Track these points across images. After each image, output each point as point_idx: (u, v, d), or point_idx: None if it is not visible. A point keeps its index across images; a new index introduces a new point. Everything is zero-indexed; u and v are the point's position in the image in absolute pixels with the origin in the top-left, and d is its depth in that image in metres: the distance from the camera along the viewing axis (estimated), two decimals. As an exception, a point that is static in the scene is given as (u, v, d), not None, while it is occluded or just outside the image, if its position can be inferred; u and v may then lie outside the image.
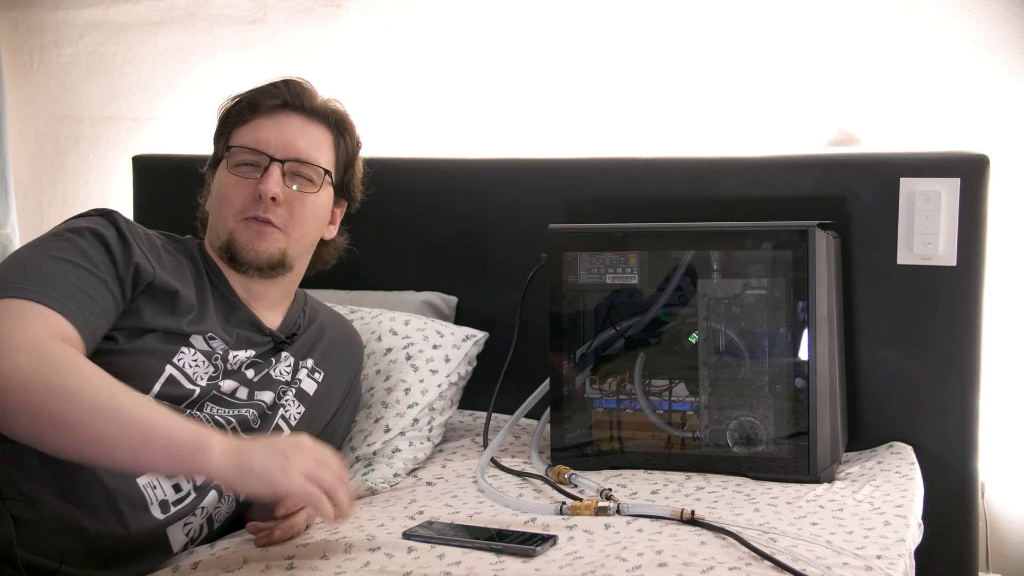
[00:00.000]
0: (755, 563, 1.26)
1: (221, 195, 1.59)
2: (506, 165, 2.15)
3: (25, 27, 2.71)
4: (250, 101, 1.62)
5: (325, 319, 1.76)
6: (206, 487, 1.43)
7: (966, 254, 1.84)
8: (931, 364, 1.87)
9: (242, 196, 1.57)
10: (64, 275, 1.35)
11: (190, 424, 1.25)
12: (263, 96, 1.62)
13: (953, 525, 1.85)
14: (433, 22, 2.35)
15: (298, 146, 1.60)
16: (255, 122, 1.61)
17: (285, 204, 1.57)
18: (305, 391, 1.63)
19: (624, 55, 2.20)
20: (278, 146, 1.58)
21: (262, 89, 1.64)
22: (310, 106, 1.64)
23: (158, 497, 1.36)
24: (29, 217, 2.75)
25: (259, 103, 1.62)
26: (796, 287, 1.66)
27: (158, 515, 1.36)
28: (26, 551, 1.22)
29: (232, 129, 1.63)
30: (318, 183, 1.61)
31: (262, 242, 1.56)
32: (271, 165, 1.57)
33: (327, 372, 1.68)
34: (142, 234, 1.51)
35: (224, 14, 2.53)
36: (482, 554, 1.32)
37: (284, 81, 1.65)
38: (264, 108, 1.61)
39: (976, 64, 1.97)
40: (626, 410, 1.76)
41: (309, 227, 1.62)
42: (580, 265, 1.78)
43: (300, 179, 1.60)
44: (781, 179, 1.96)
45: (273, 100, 1.62)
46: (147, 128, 2.62)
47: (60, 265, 1.36)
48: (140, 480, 1.35)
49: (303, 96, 1.63)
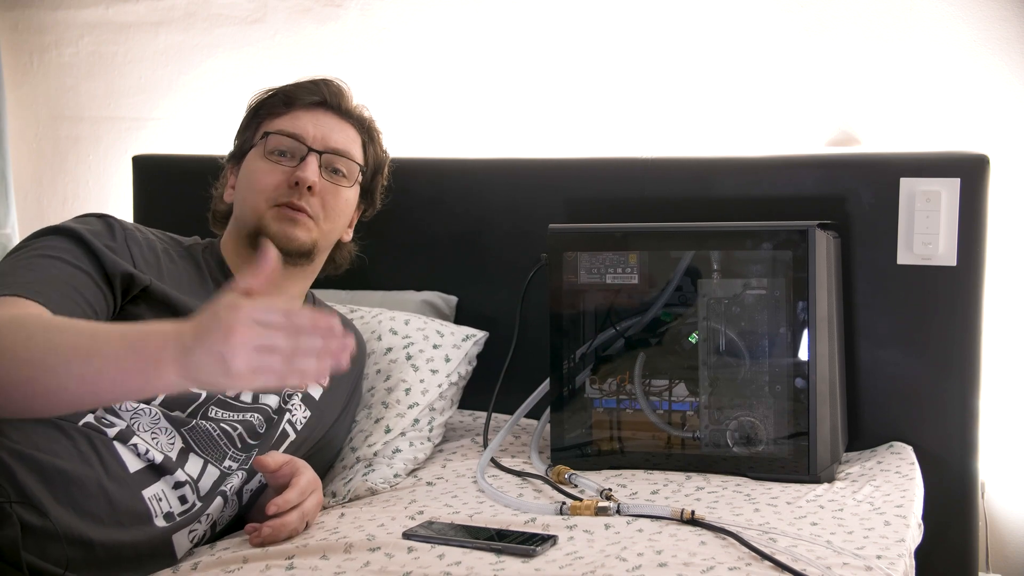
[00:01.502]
0: (755, 563, 1.26)
1: (252, 180, 1.59)
2: (506, 165, 2.15)
3: (25, 27, 2.71)
4: (286, 94, 1.62)
5: None
6: (212, 495, 1.43)
7: (966, 254, 1.84)
8: (931, 364, 1.87)
9: (275, 181, 1.56)
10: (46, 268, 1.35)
11: (136, 341, 1.11)
12: (301, 91, 1.63)
13: (953, 525, 1.85)
14: (433, 22, 2.35)
15: (336, 140, 1.61)
16: (291, 115, 1.61)
17: (319, 194, 1.58)
18: (311, 395, 1.62)
19: (624, 55, 2.20)
20: (316, 137, 1.59)
21: (299, 84, 1.64)
22: (347, 108, 1.65)
23: (163, 509, 1.36)
24: (29, 217, 2.74)
25: (296, 97, 1.62)
26: (796, 287, 1.66)
27: (162, 524, 1.36)
28: (31, 556, 1.21)
29: (264, 120, 1.62)
30: (351, 179, 1.63)
31: (295, 228, 1.56)
32: (309, 155, 1.58)
33: (332, 377, 1.67)
34: (141, 239, 1.49)
35: (224, 14, 2.53)
36: (482, 554, 1.32)
37: (323, 80, 1.65)
38: (301, 103, 1.62)
39: (976, 64, 1.97)
40: (626, 410, 1.76)
41: (338, 221, 1.63)
42: (580, 265, 1.78)
43: (335, 172, 1.61)
44: (781, 179, 1.96)
45: (311, 96, 1.62)
46: (147, 128, 2.62)
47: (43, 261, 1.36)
48: (145, 493, 1.34)
49: (340, 97, 1.65)
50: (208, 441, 1.44)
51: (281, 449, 1.54)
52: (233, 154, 1.67)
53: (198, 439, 1.43)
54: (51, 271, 1.35)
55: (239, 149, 1.66)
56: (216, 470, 1.45)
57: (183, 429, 1.42)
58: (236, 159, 1.66)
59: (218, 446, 1.45)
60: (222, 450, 1.46)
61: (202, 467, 1.42)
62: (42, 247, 1.39)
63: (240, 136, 1.67)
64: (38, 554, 1.22)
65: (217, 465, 1.45)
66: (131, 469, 1.34)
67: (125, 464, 1.34)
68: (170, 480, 1.38)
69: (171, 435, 1.41)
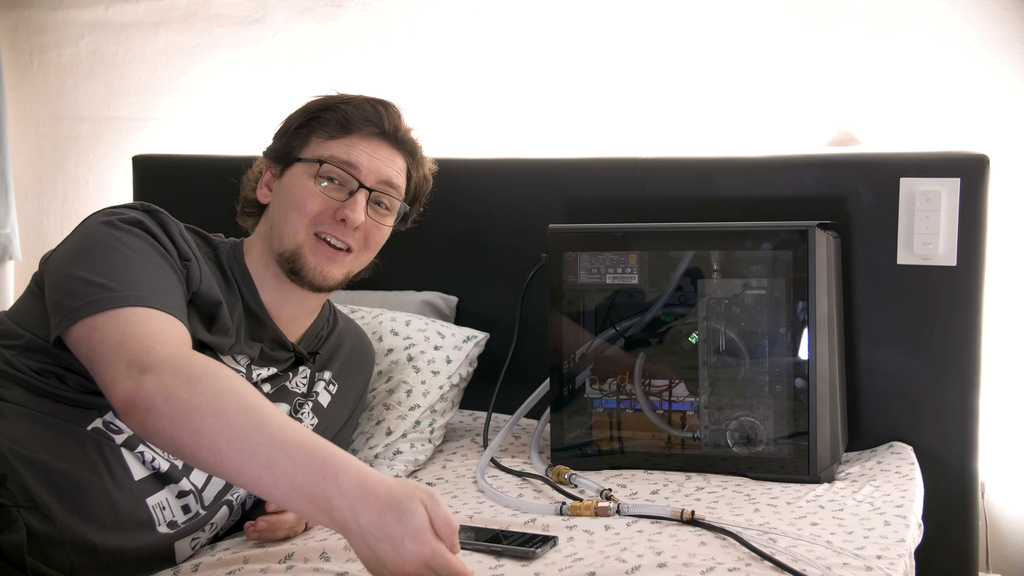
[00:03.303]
0: (755, 563, 1.26)
1: (297, 200, 1.54)
2: (506, 165, 2.15)
3: (25, 27, 2.71)
4: (345, 117, 1.57)
5: (343, 329, 1.73)
6: (216, 505, 1.43)
7: (966, 254, 1.84)
8: (931, 364, 1.87)
9: (320, 208, 1.53)
10: (156, 276, 1.33)
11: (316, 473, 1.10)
12: (360, 117, 1.57)
13: (953, 525, 1.85)
14: (433, 22, 2.35)
15: (388, 176, 1.58)
16: (347, 140, 1.56)
17: (363, 230, 1.56)
18: (321, 404, 1.62)
19: (624, 55, 2.20)
20: (368, 172, 1.55)
21: (359, 107, 1.59)
22: (403, 137, 1.61)
23: (166, 518, 1.36)
24: (29, 217, 2.75)
25: (354, 124, 1.57)
26: (796, 287, 1.66)
27: (165, 532, 1.35)
28: (35, 561, 1.21)
29: (316, 135, 1.57)
30: (393, 211, 1.60)
31: (331, 266, 1.54)
32: (359, 191, 1.54)
33: (341, 384, 1.67)
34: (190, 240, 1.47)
35: (224, 14, 2.53)
36: (481, 557, 1.32)
37: (383, 104, 1.61)
38: (359, 130, 1.57)
39: (976, 64, 1.97)
40: (626, 410, 1.76)
41: (374, 252, 1.62)
42: (580, 265, 1.78)
43: (380, 208, 1.58)
44: (781, 179, 1.96)
45: (370, 125, 1.57)
46: (147, 128, 2.62)
47: (148, 267, 1.34)
48: (149, 500, 1.34)
49: (398, 127, 1.61)
50: None
51: None
52: (276, 153, 1.61)
53: None
54: (159, 276, 1.33)
55: (284, 152, 1.59)
56: (221, 480, 1.44)
57: None
58: (278, 160, 1.60)
59: None
60: None
61: (207, 476, 1.41)
62: (129, 245, 1.35)
63: (287, 138, 1.60)
64: (42, 559, 1.22)
65: None
66: (136, 477, 1.33)
67: (130, 471, 1.33)
68: (174, 489, 1.37)
69: None
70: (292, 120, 1.61)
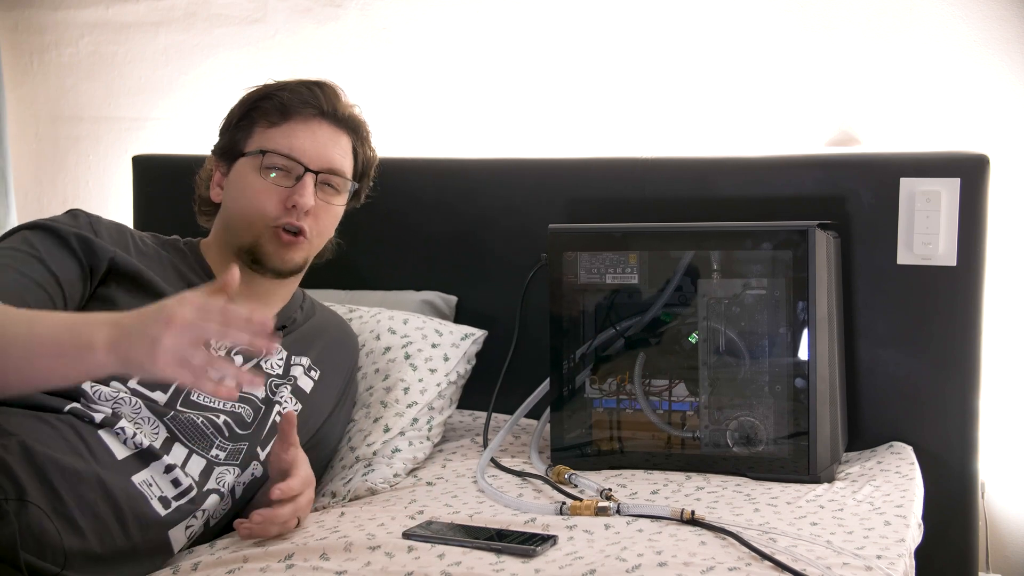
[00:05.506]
0: (755, 563, 1.26)
1: (247, 196, 1.58)
2: (506, 165, 2.15)
3: (25, 27, 2.71)
4: (283, 103, 1.60)
5: (323, 318, 1.77)
6: (206, 491, 1.43)
7: (966, 254, 1.84)
8: (931, 364, 1.87)
9: (274, 204, 1.56)
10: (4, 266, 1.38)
11: (72, 323, 1.17)
12: (297, 101, 1.60)
13: (953, 525, 1.85)
14: (433, 22, 2.35)
15: (331, 157, 1.60)
16: (287, 127, 1.59)
17: (313, 213, 1.59)
18: (302, 388, 1.63)
19: (623, 55, 2.20)
20: (312, 156, 1.58)
21: (295, 91, 1.61)
22: (342, 115, 1.63)
23: (155, 494, 1.36)
24: (29, 217, 2.73)
25: (292, 108, 1.59)
26: (796, 287, 1.66)
27: (159, 510, 1.36)
28: (29, 555, 1.21)
29: (257, 126, 1.60)
30: (343, 192, 1.63)
31: (291, 252, 1.59)
32: (305, 176, 1.57)
33: (324, 371, 1.68)
34: (107, 223, 1.53)
35: (224, 14, 2.53)
36: (482, 554, 1.32)
37: (318, 85, 1.63)
38: (297, 114, 1.59)
39: (976, 64, 1.97)
40: (626, 410, 1.76)
41: (328, 234, 1.66)
42: (580, 265, 1.78)
43: (328, 188, 1.61)
44: (781, 179, 1.96)
45: (307, 107, 1.60)
46: (147, 128, 2.62)
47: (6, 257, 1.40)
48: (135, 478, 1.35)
49: (337, 105, 1.63)
50: (193, 430, 1.45)
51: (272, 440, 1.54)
52: (222, 150, 1.64)
53: (182, 428, 1.44)
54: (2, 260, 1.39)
55: (229, 147, 1.63)
56: (202, 459, 1.45)
57: (165, 419, 1.42)
58: (224, 156, 1.64)
59: (204, 435, 1.45)
60: (208, 439, 1.46)
61: (186, 456, 1.42)
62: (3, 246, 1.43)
63: (230, 133, 1.64)
64: (35, 552, 1.22)
65: (203, 455, 1.45)
66: (119, 456, 1.35)
67: (112, 452, 1.35)
68: (159, 465, 1.38)
69: (154, 424, 1.41)
70: (233, 114, 1.65)
